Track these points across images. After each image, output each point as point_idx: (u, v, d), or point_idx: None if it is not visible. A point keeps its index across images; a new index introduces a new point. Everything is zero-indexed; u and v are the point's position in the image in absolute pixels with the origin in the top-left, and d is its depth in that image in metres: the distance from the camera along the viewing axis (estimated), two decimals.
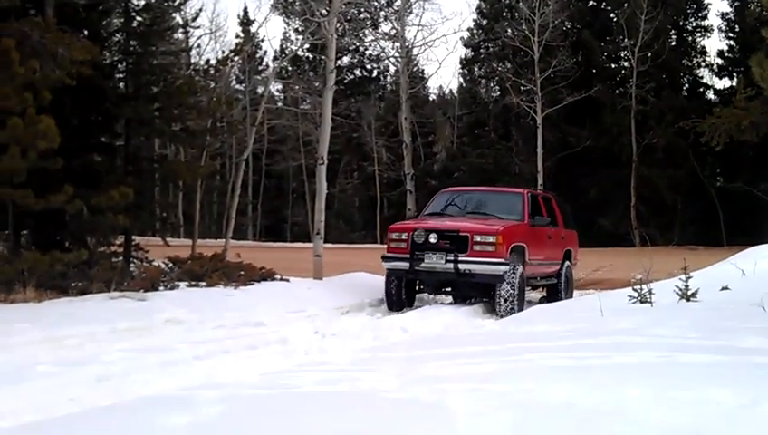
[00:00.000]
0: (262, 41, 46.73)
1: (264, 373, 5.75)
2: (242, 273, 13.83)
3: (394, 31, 41.85)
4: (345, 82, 46.92)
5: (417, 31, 60.23)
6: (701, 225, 38.72)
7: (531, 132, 39.03)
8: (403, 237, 12.59)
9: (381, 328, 9.70)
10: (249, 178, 45.72)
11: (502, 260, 11.88)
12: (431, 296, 14.22)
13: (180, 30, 25.14)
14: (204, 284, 12.88)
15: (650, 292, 8.69)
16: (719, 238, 36.74)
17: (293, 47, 44.40)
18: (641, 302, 8.71)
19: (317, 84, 35.07)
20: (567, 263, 15.02)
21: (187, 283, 12.84)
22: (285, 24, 47.39)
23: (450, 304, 13.21)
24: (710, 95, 43.26)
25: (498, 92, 44.89)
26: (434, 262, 12.09)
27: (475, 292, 12.84)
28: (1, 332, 7.79)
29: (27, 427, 4.42)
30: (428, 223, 12.89)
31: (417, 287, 13.49)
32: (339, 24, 26.45)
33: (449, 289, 13.31)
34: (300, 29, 42.58)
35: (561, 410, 3.80)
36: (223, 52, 33.54)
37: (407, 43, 41.39)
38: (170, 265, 13.94)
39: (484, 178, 41.56)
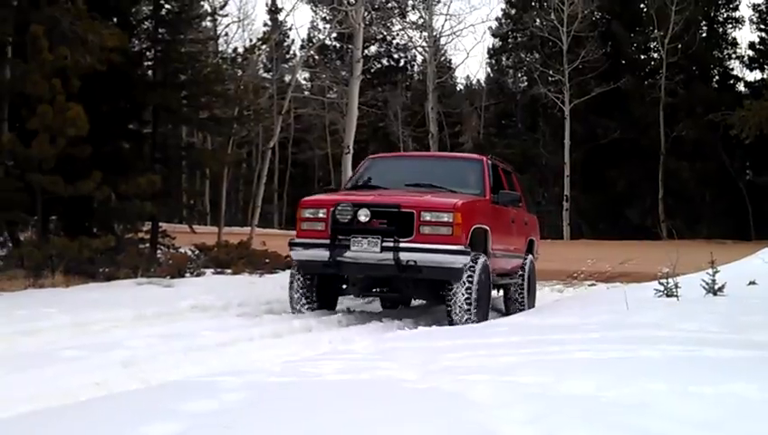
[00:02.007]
0: (289, 29, 46.94)
1: (287, 361, 5.78)
2: (267, 260, 13.92)
3: (422, 20, 41.75)
4: (372, 71, 46.85)
5: (445, 20, 60.24)
6: (729, 218, 38.35)
7: (558, 123, 38.85)
8: (320, 215, 9.00)
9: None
10: (275, 167, 45.86)
11: (461, 247, 8.57)
12: (361, 299, 11.08)
13: (208, 18, 25.18)
14: (229, 271, 12.98)
15: (676, 286, 8.63)
16: (747, 232, 36.38)
17: (321, 36, 44.47)
18: (667, 296, 8.66)
19: (344, 73, 35.03)
20: (530, 257, 11.66)
21: (212, 270, 12.96)
22: (313, 13, 47.44)
23: (379, 314, 9.85)
24: (740, 87, 42.80)
25: (526, 83, 44.68)
26: (364, 250, 8.59)
27: (422, 293, 9.81)
28: (28, 316, 7.87)
29: (54, 410, 4.47)
30: (356, 195, 9.41)
31: (341, 286, 9.82)
32: (366, 13, 26.41)
33: (385, 289, 9.84)
34: (327, 18, 42.61)
35: (583, 402, 3.79)
36: (250, 40, 33.58)
37: (434, 33, 41.28)
38: (196, 252, 14.06)
39: None
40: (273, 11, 47.24)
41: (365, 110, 36.18)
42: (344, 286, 9.75)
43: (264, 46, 21.24)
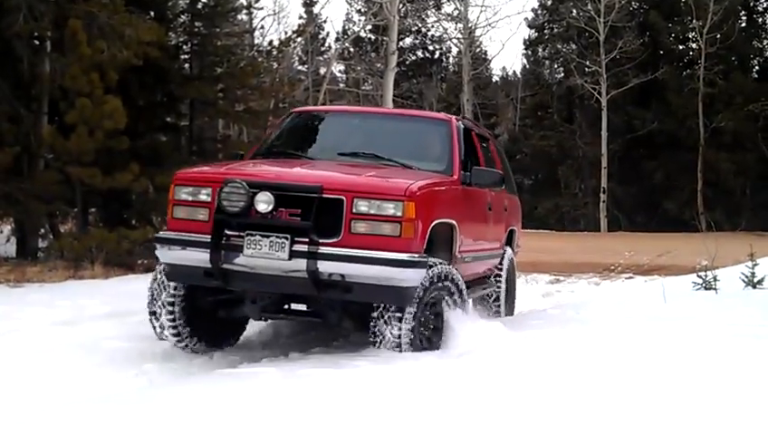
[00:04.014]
0: (324, 22, 46.92)
1: None
2: None
3: (457, 12, 41.55)
4: (407, 63, 46.74)
5: (481, 11, 60.09)
6: None
7: (595, 115, 38.52)
8: (202, 198, 6.05)
9: None
10: None
11: (412, 256, 5.74)
12: (264, 321, 7.27)
13: (244, 11, 25.25)
14: None
15: (715, 278, 8.54)
16: None
17: (356, 28, 44.45)
18: (706, 288, 8.58)
19: (379, 65, 35.03)
20: (508, 251, 9.10)
21: None
22: (348, 5, 47.41)
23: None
24: None
25: (562, 74, 44.34)
26: (264, 255, 5.71)
27: (357, 322, 6.26)
28: (67, 306, 8.00)
29: (93, 401, 4.54)
30: (256, 169, 6.56)
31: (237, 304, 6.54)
32: (401, 5, 26.34)
33: (302, 309, 6.69)
34: (362, 10, 42.57)
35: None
36: (286, 33, 33.61)
37: (469, 24, 41.07)
38: None
39: (546, 162, 41.28)
40: (309, 3, 47.29)
41: (400, 102, 36.15)
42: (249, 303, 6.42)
43: (299, 39, 21.32)
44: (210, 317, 6.55)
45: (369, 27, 39.57)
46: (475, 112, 41.83)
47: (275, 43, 17.88)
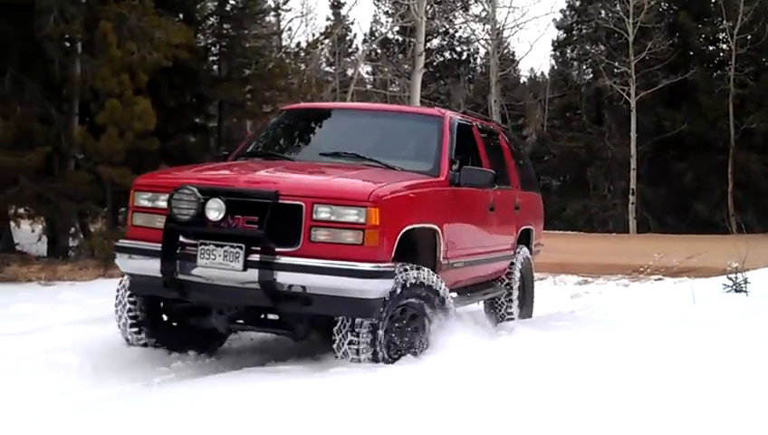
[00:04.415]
0: (352, 23, 46.97)
1: None
2: None
3: (485, 13, 41.45)
4: (434, 64, 46.71)
5: (509, 13, 59.78)
6: None
7: (624, 116, 38.25)
8: (159, 205, 5.81)
9: None
10: None
11: (376, 266, 5.39)
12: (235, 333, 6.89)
13: (272, 13, 25.39)
14: None
15: (746, 280, 8.46)
16: None
17: (383, 30, 44.46)
18: (736, 291, 8.50)
19: (406, 67, 35.03)
20: (523, 251, 8.68)
21: None
22: (375, 7, 47.47)
23: None
24: None
25: (591, 75, 44.04)
26: (218, 265, 5.46)
27: (316, 332, 5.99)
28: (98, 304, 8.08)
29: (130, 393, 4.61)
30: (211, 174, 6.31)
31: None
32: (428, 7, 26.34)
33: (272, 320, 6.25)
34: (389, 11, 42.65)
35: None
36: (313, 35, 33.72)
37: (497, 25, 40.95)
38: None
39: (575, 163, 41.03)
40: (336, 5, 47.40)
41: (427, 103, 36.14)
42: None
43: (326, 41, 21.38)
44: (170, 328, 6.40)
45: (396, 29, 39.60)
46: (502, 114, 41.71)
47: (303, 44, 18.01)
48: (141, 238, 5.83)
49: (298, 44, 18.41)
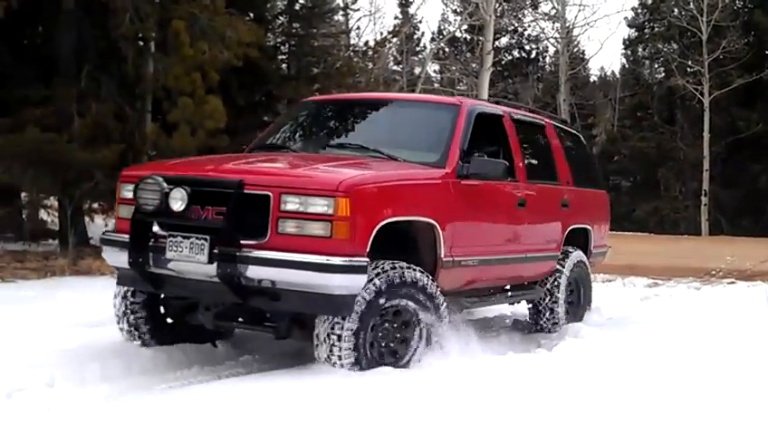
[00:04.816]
0: (420, 22, 46.94)
1: None
2: None
3: (554, 11, 41.00)
4: (503, 63, 46.42)
5: (579, 10, 58.84)
6: None
7: (697, 116, 37.44)
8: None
9: None
10: None
11: (346, 261, 5.08)
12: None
13: (340, 12, 25.57)
14: None
15: None
16: None
17: (451, 28, 44.36)
18: None
19: (474, 65, 34.88)
20: (575, 254, 8.19)
21: None
22: (443, 5, 47.42)
23: None
24: None
25: (663, 74, 43.25)
26: (185, 258, 5.30)
27: (298, 330, 5.66)
28: None
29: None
30: (185, 165, 6.26)
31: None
32: (497, 5, 26.17)
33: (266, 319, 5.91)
34: (458, 10, 42.45)
35: None
36: (381, 33, 33.91)
37: (567, 24, 40.48)
38: None
39: (646, 163, 40.32)
40: (404, 4, 47.42)
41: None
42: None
43: (394, 39, 21.43)
44: (157, 322, 6.22)
45: (464, 27, 39.53)
46: (571, 113, 41.24)
47: (371, 43, 18.10)
48: (123, 230, 5.72)
49: (366, 43, 18.55)
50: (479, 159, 6.25)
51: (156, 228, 5.47)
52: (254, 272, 5.07)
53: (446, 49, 44.02)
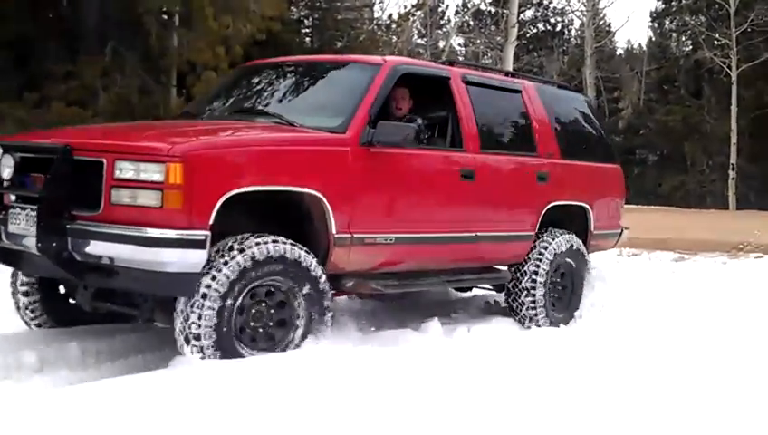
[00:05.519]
0: None
1: None
2: None
3: None
4: (527, 36, 46.02)
5: None
6: None
7: (724, 89, 36.98)
8: None
9: None
10: None
11: (180, 234, 4.52)
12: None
13: None
14: None
15: None
16: None
17: (476, 1, 44.01)
18: None
19: (499, 39, 34.61)
20: (562, 237, 7.10)
21: None
22: None
23: None
24: None
25: (690, 47, 42.73)
26: (22, 231, 4.85)
27: (160, 312, 5.10)
28: None
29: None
30: (36, 132, 5.98)
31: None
32: None
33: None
34: None
35: None
36: (405, 7, 33.69)
37: None
38: None
39: (672, 137, 39.95)
40: None
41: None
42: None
43: (418, 12, 21.29)
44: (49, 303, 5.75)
45: (489, 0, 39.18)
46: (597, 86, 40.90)
47: (395, 16, 17.97)
48: None
49: (390, 17, 18.46)
50: (385, 123, 5.54)
51: (8, 199, 5.02)
52: (81, 246, 4.58)
53: (471, 22, 43.75)
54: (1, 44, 12.45)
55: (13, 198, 4.93)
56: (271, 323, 4.93)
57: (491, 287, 7.29)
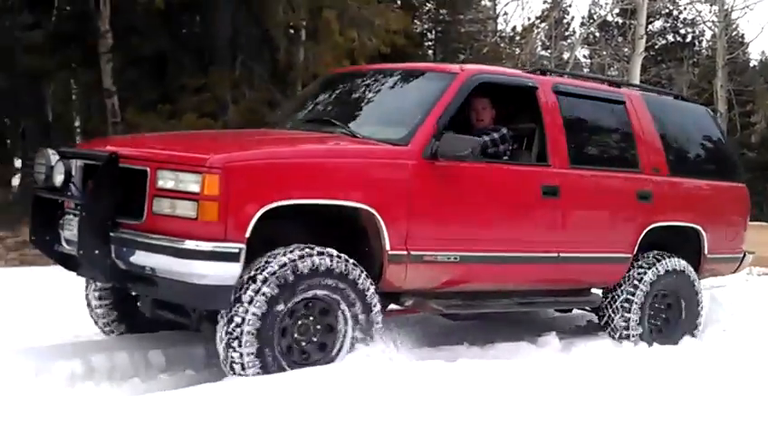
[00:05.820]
0: (569, 6, 45.99)
1: None
2: None
3: None
4: (656, 47, 44.88)
5: None
6: None
7: None
8: None
9: None
10: None
11: (214, 247, 4.45)
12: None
13: None
14: None
15: None
16: None
17: (602, 12, 43.21)
18: None
19: (626, 50, 33.89)
20: (666, 261, 6.60)
21: None
22: None
23: None
24: None
25: None
26: (75, 237, 4.83)
27: (208, 324, 5.02)
28: None
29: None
30: (105, 140, 6.17)
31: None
32: None
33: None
34: None
35: None
36: (529, 18, 33.45)
37: (725, 6, 38.71)
38: None
39: None
40: None
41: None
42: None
43: (542, 24, 21.12)
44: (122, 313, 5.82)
45: (616, 11, 38.41)
46: (729, 99, 39.50)
47: (518, 29, 17.87)
48: None
49: (513, 29, 18.36)
50: (450, 135, 5.21)
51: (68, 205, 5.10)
52: (126, 255, 4.61)
53: (597, 33, 42.96)
54: (139, 59, 13.09)
55: (72, 204, 4.97)
56: (315, 337, 4.85)
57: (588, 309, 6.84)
